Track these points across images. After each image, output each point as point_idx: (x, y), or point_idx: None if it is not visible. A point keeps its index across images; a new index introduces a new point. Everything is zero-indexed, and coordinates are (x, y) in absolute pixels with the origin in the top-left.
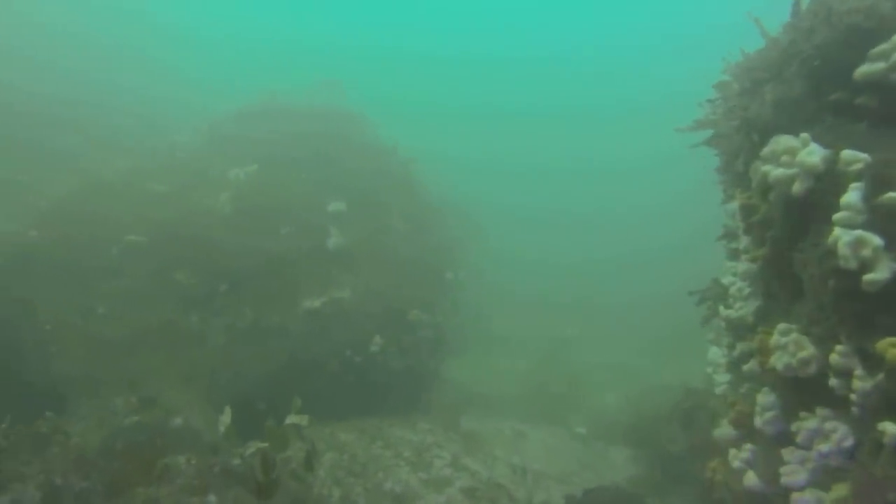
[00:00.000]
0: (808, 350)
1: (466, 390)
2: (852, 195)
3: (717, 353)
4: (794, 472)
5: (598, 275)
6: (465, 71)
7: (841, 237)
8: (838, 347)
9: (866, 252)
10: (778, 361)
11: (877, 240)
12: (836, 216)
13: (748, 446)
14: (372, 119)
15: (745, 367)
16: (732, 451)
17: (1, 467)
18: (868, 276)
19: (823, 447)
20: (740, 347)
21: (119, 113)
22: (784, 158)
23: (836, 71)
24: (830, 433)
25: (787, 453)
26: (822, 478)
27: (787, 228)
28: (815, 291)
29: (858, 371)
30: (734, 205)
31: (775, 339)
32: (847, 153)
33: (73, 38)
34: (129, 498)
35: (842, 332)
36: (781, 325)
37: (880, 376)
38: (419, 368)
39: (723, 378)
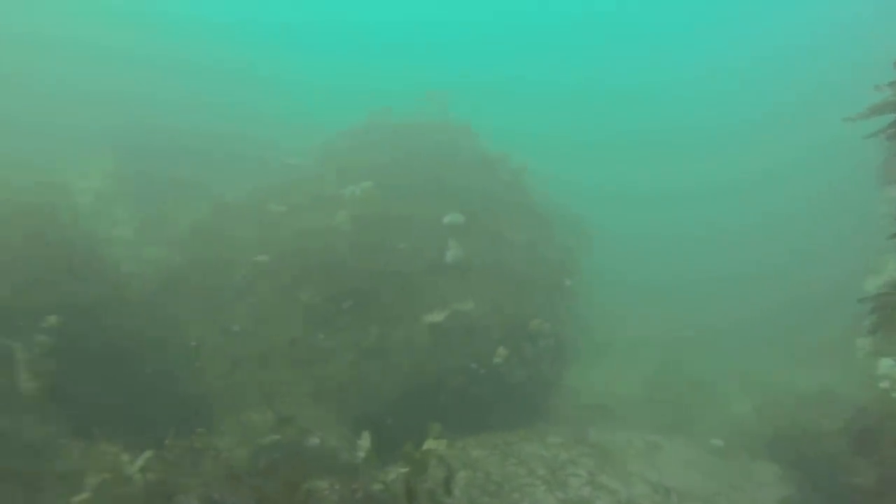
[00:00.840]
0: None
1: (587, 398)
2: None
3: (891, 365)
4: None
5: (713, 283)
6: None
7: None
8: None
9: None
10: None
11: None
12: None
13: None
14: (479, 131)
15: None
16: None
17: (168, 479)
18: None
19: None
20: None
21: (238, 140)
22: None
23: None
24: None
25: None
26: None
27: None
28: None
29: None
30: None
31: None
32: None
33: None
34: None
35: None
36: None
37: None
38: (540, 378)
39: None
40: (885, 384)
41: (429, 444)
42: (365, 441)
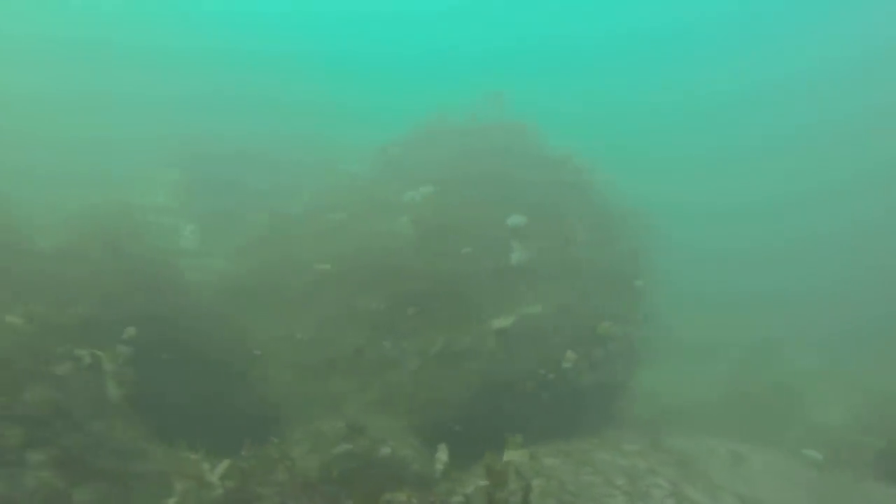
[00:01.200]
0: None
1: (661, 402)
2: None
3: None
4: None
5: (793, 293)
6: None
7: None
8: None
9: None
10: None
11: None
12: None
13: None
14: (541, 128)
15: None
16: None
17: (246, 487)
18: None
19: None
20: None
21: (297, 149)
22: None
23: None
24: None
25: None
26: None
27: None
28: None
29: None
30: None
31: None
32: None
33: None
34: None
35: None
36: None
37: None
38: (611, 382)
39: None
40: None
41: (509, 456)
42: (442, 454)
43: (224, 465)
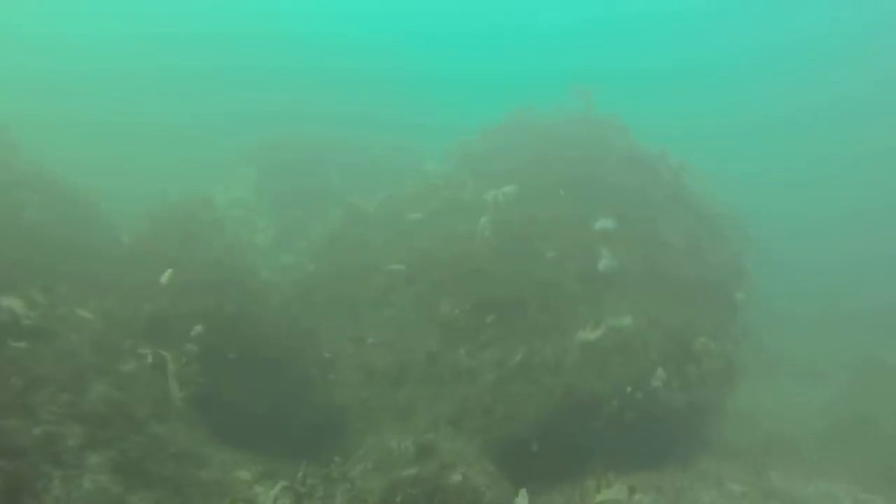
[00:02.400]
0: None
1: (762, 429)
2: None
3: None
4: None
5: None
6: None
7: None
8: None
9: None
10: None
11: None
12: None
13: None
14: (631, 127)
15: None
16: None
17: None
18: None
19: None
20: None
21: (375, 147)
22: None
23: None
24: None
25: None
26: None
27: None
28: None
29: None
30: None
31: None
32: None
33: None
34: None
35: None
36: None
37: None
38: (704, 404)
39: None
40: None
41: (605, 497)
42: (522, 500)
43: (277, 488)
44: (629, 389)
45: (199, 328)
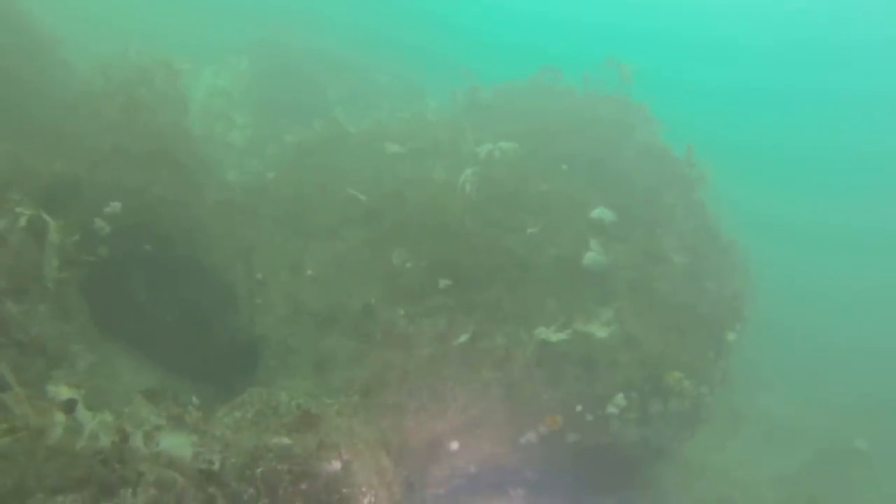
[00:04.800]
0: None
1: (707, 485)
2: None
3: None
4: None
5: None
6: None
7: None
8: None
9: None
10: None
11: None
12: None
13: None
14: (658, 116)
15: None
16: None
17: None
18: None
19: None
20: None
21: (380, 73)
22: None
23: None
24: None
25: None
26: None
27: None
28: None
29: None
30: None
31: None
32: None
33: None
34: None
35: None
36: None
37: None
38: (656, 445)
39: None
40: None
41: None
42: None
43: (102, 417)
44: (579, 408)
45: (116, 204)
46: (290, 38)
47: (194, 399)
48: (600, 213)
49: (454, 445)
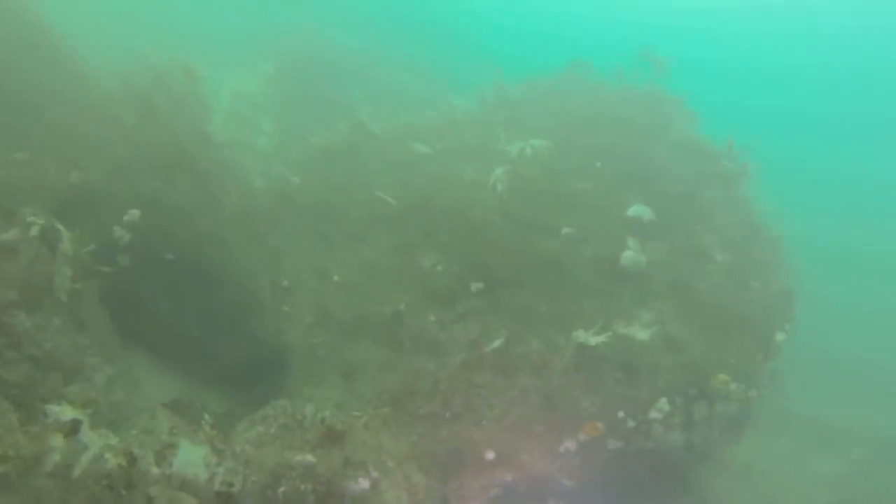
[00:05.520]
0: None
1: (755, 489)
2: None
3: None
4: None
5: None
6: None
7: None
8: None
9: None
10: None
11: None
12: None
13: None
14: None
15: None
16: None
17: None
18: None
19: None
20: None
21: (408, 70)
22: None
23: None
24: None
25: None
26: None
27: None
28: None
29: None
30: None
31: None
32: None
33: None
34: None
35: None
36: None
37: None
38: (702, 450)
39: None
40: None
41: None
42: None
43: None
44: (621, 414)
45: (134, 212)
46: (316, 37)
47: (207, 416)
48: (637, 210)
49: (490, 455)
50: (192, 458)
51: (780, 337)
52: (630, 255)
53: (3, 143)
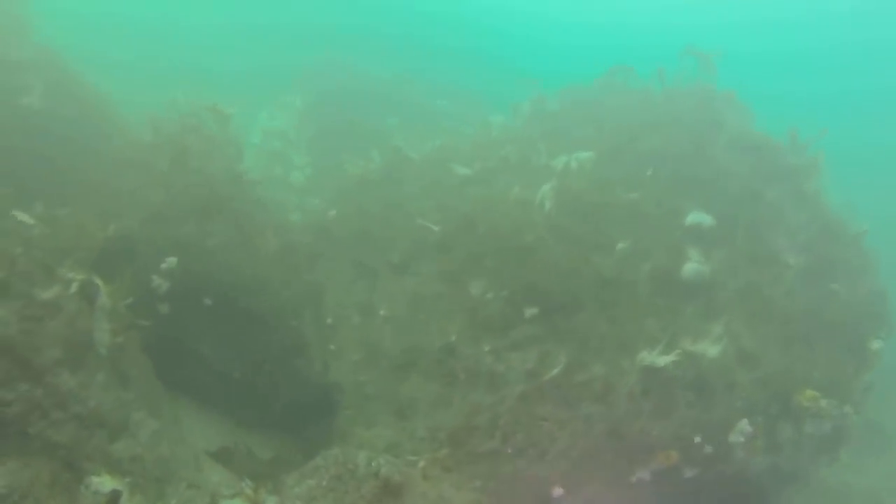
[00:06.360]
0: None
1: None
2: None
3: None
4: None
5: None
6: None
7: None
8: None
9: None
10: None
11: None
12: None
13: None
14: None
15: None
16: None
17: None
18: None
19: None
20: None
21: (439, 93)
22: None
23: None
24: None
25: None
26: None
27: None
28: None
29: None
30: None
31: None
32: None
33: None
34: None
35: None
36: None
37: None
38: (790, 473)
39: None
40: None
41: None
42: None
43: None
44: (697, 440)
45: (171, 260)
46: (345, 68)
47: (248, 481)
48: (696, 217)
49: (558, 492)
50: None
51: (875, 345)
52: (692, 266)
53: (46, 202)
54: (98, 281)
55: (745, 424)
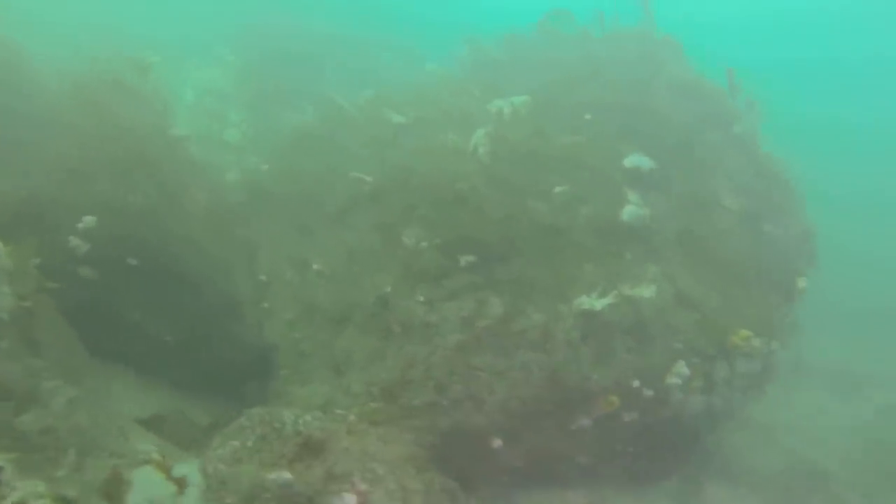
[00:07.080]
0: None
1: (777, 445)
2: None
3: None
4: None
5: None
6: None
7: None
8: None
9: None
10: None
11: None
12: None
13: None
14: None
15: None
16: None
17: None
18: None
19: None
20: None
21: (378, 48)
22: None
23: None
24: None
25: None
26: None
27: None
28: None
29: None
30: None
31: None
32: None
33: None
34: None
35: None
36: None
37: None
38: (723, 411)
39: None
40: None
41: None
42: None
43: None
44: (636, 384)
45: (89, 219)
46: (282, 28)
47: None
48: (635, 160)
49: (497, 443)
50: (152, 490)
51: (802, 284)
52: (631, 209)
53: None
54: None
55: (682, 366)
